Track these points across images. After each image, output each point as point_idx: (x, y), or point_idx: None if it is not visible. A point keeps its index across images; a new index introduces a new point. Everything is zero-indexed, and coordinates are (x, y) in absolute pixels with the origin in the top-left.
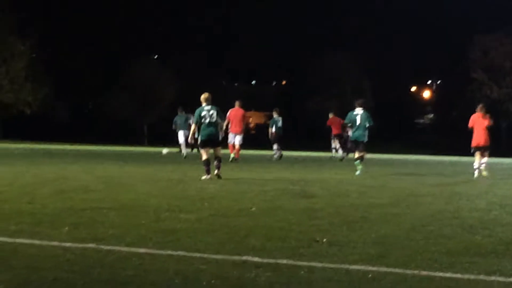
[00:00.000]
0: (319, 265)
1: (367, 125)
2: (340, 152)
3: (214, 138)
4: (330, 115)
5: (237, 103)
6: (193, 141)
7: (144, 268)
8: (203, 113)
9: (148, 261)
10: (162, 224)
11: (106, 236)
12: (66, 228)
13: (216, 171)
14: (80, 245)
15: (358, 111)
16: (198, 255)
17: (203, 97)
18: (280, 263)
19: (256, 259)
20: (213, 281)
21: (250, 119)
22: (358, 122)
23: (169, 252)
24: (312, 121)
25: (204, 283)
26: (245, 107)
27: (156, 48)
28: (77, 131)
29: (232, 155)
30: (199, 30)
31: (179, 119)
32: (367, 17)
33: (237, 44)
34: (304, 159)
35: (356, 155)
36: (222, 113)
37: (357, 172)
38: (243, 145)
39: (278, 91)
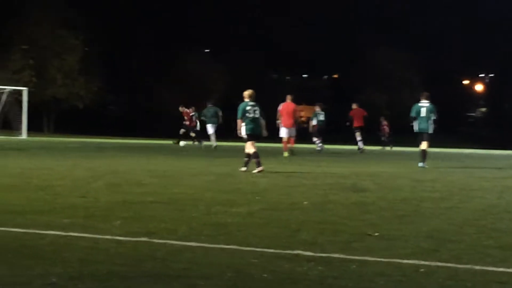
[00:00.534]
0: (371, 259)
1: (432, 117)
2: (360, 144)
3: (257, 133)
4: (354, 106)
5: (288, 97)
6: (240, 135)
7: (196, 261)
8: (247, 108)
9: (200, 255)
10: (213, 217)
11: (158, 229)
12: (119, 221)
13: (243, 168)
14: (133, 239)
15: (424, 103)
16: (249, 248)
17: (247, 93)
18: (332, 257)
19: (308, 253)
20: (264, 275)
21: (302, 113)
22: (423, 114)
23: (221, 245)
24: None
25: (256, 276)
26: (296, 100)
27: (207, 42)
28: (128, 125)
29: (285, 154)
30: (251, 24)
31: (208, 111)
32: (418, 11)
33: (288, 37)
34: (355, 153)
35: (423, 146)
36: (263, 111)
37: (420, 164)
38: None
39: (329, 85)
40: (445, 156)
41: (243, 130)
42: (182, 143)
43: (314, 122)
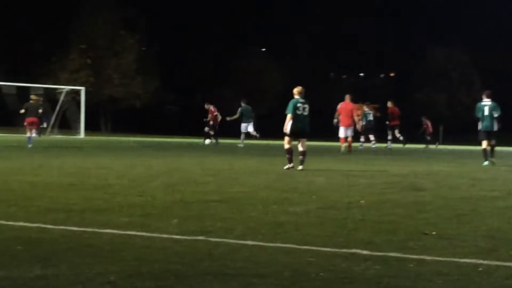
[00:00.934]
0: (429, 258)
1: (495, 115)
2: (389, 143)
3: (304, 130)
4: (389, 104)
5: (347, 97)
6: (285, 131)
7: (253, 260)
8: (298, 105)
9: (256, 254)
10: (270, 216)
11: (215, 228)
12: (176, 220)
13: (300, 166)
14: (190, 237)
15: (486, 102)
16: (306, 247)
17: (296, 90)
18: (389, 256)
19: (364, 252)
20: (321, 274)
21: (359, 111)
22: (486, 112)
23: (278, 244)
24: (420, 113)
25: (313, 275)
26: (355, 100)
27: (264, 40)
28: (185, 124)
29: (343, 148)
30: (307, 23)
31: (245, 110)
32: (477, 10)
33: (344, 35)
34: (412, 151)
35: (484, 145)
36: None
37: (485, 163)
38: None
39: (386, 83)
40: (505, 154)
41: (288, 126)
42: (207, 141)
43: (363, 122)
